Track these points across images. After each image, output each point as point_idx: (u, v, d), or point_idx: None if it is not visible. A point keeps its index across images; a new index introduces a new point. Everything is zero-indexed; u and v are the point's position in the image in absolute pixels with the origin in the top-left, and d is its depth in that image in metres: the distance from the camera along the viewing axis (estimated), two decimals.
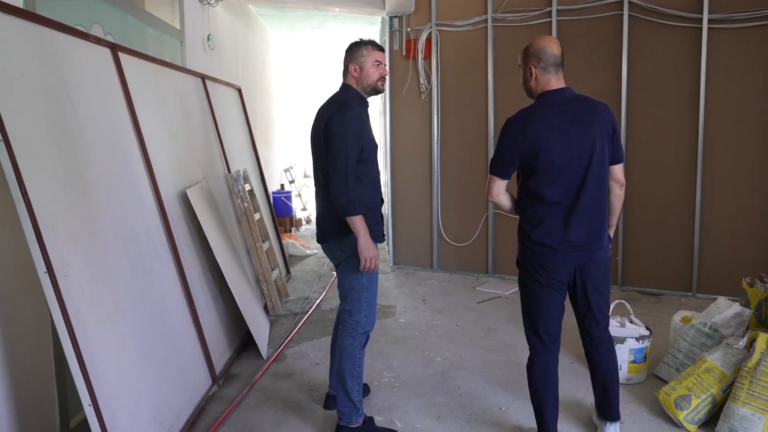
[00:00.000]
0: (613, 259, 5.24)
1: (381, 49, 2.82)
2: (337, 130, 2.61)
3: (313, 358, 3.82)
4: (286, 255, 6.22)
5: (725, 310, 3.25)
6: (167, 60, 4.17)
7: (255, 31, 7.43)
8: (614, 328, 3.39)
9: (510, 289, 5.27)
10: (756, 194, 4.78)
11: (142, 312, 2.76)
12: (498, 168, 2.51)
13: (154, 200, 3.24)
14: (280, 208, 8.14)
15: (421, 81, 5.90)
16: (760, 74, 4.69)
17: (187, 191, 3.65)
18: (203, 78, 4.74)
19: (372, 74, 2.76)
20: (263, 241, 4.94)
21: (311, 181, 11.39)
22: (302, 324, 4.46)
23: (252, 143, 5.92)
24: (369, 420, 2.89)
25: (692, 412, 2.84)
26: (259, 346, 3.82)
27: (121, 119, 3.09)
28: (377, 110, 7.32)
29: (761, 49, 4.66)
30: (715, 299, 3.40)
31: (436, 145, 5.92)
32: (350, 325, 2.80)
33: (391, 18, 6.00)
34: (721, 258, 4.91)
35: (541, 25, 5.38)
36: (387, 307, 4.89)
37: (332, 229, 2.76)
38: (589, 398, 3.19)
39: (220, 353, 3.62)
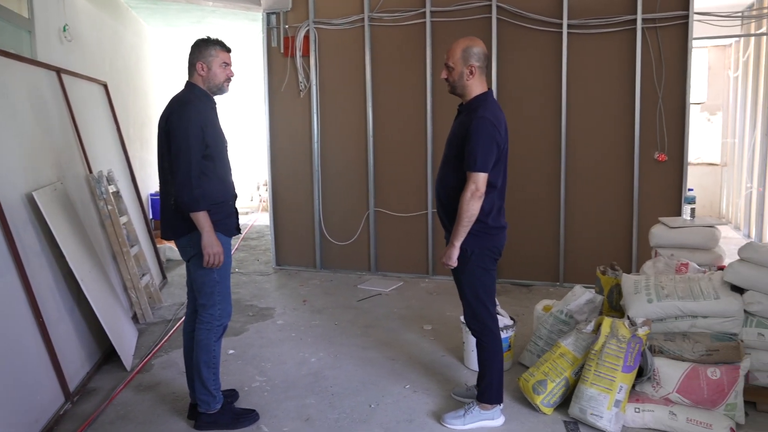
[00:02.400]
0: None
1: (229, 50, 2.86)
2: (178, 128, 2.65)
3: (182, 366, 3.63)
4: (163, 260, 5.92)
5: (580, 297, 3.46)
6: (12, 51, 3.82)
7: (125, 24, 7.01)
8: None
9: (391, 286, 5.32)
10: (612, 188, 5.14)
11: None
12: (489, 164, 2.63)
13: None
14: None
15: (300, 79, 5.82)
16: (613, 75, 5.04)
17: (34, 194, 3.35)
18: (59, 72, 4.39)
19: (219, 75, 2.80)
20: (131, 246, 4.66)
21: None
22: (174, 331, 4.25)
23: (121, 142, 5.58)
24: (228, 404, 3.00)
25: (548, 395, 2.98)
26: (121, 357, 3.59)
27: None
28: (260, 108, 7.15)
29: (613, 53, 5.01)
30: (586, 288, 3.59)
31: (316, 144, 5.87)
32: (205, 318, 2.86)
33: (268, 14, 5.88)
34: (584, 249, 5.23)
35: (415, 25, 5.48)
36: (266, 309, 4.78)
37: (182, 226, 2.75)
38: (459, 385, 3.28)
39: (77, 368, 3.37)
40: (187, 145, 2.62)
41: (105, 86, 5.56)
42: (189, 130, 2.62)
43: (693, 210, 3.98)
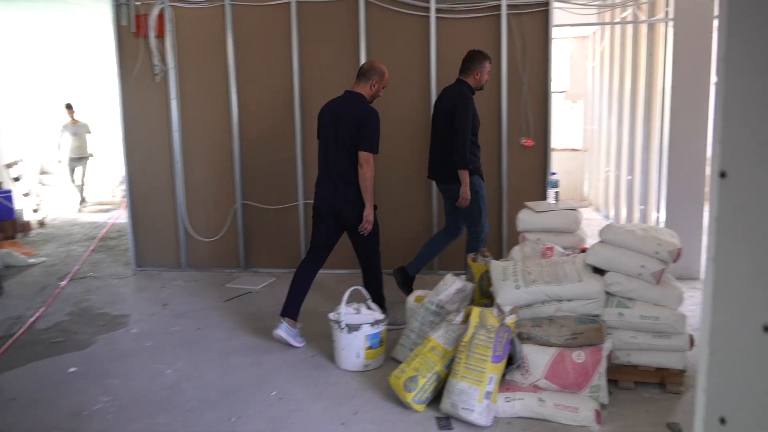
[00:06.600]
0: None
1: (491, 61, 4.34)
2: (463, 113, 4.05)
3: (9, 391, 3.14)
4: None
5: (450, 286, 3.37)
6: None
7: None
8: (350, 315, 3.32)
9: (261, 283, 5.01)
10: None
11: None
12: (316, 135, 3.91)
13: None
14: None
15: (155, 62, 5.31)
16: None
17: None
18: None
19: (483, 79, 4.26)
20: None
21: (51, 178, 9.92)
22: (4, 350, 3.69)
23: None
24: None
25: (419, 392, 2.85)
26: None
27: None
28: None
29: (480, 38, 5.00)
30: (457, 276, 3.51)
31: (176, 133, 5.39)
32: (474, 234, 4.30)
33: None
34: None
35: (281, 6, 5.17)
36: (119, 316, 4.30)
37: (453, 176, 4.14)
38: (325, 393, 3.08)
39: None
40: (465, 126, 4.05)
41: None
42: (468, 116, 4.06)
43: (557, 194, 4.05)
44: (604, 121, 7.81)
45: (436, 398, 2.89)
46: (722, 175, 0.65)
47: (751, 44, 0.62)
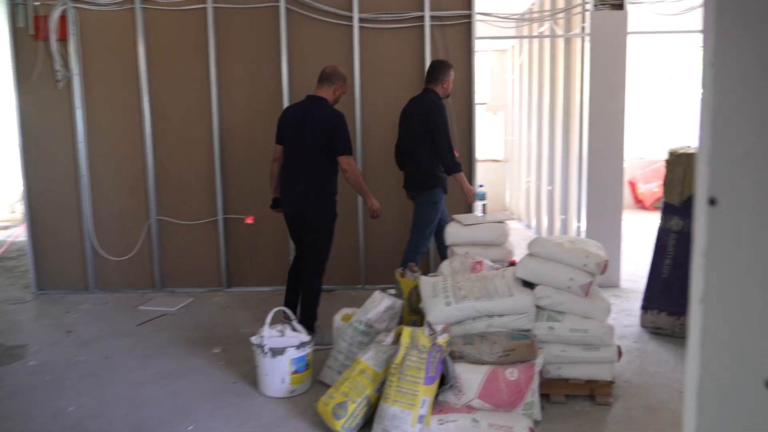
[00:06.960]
0: (284, 259, 5.09)
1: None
2: (438, 120, 4.08)
3: None
4: None
5: (379, 304, 3.24)
6: None
7: None
8: (273, 338, 3.13)
9: (178, 304, 4.69)
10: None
11: None
12: (277, 138, 3.94)
13: None
14: None
15: (57, 68, 4.90)
16: (404, 71, 4.96)
17: None
18: None
19: (450, 88, 4.30)
20: None
21: None
22: None
23: None
24: None
25: (349, 418, 2.70)
26: None
27: None
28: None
29: (404, 49, 4.93)
30: (385, 292, 3.38)
31: (81, 144, 5.00)
32: (416, 243, 4.26)
33: None
34: (384, 249, 5.09)
35: (197, 11, 4.91)
36: (15, 347, 3.89)
37: (429, 183, 4.19)
38: (249, 424, 2.86)
39: None
40: (446, 132, 4.10)
41: None
42: (445, 123, 4.12)
43: (485, 206, 4.02)
44: (524, 132, 7.97)
45: (367, 424, 2.75)
46: (711, 202, 0.56)
47: (746, 45, 0.53)
